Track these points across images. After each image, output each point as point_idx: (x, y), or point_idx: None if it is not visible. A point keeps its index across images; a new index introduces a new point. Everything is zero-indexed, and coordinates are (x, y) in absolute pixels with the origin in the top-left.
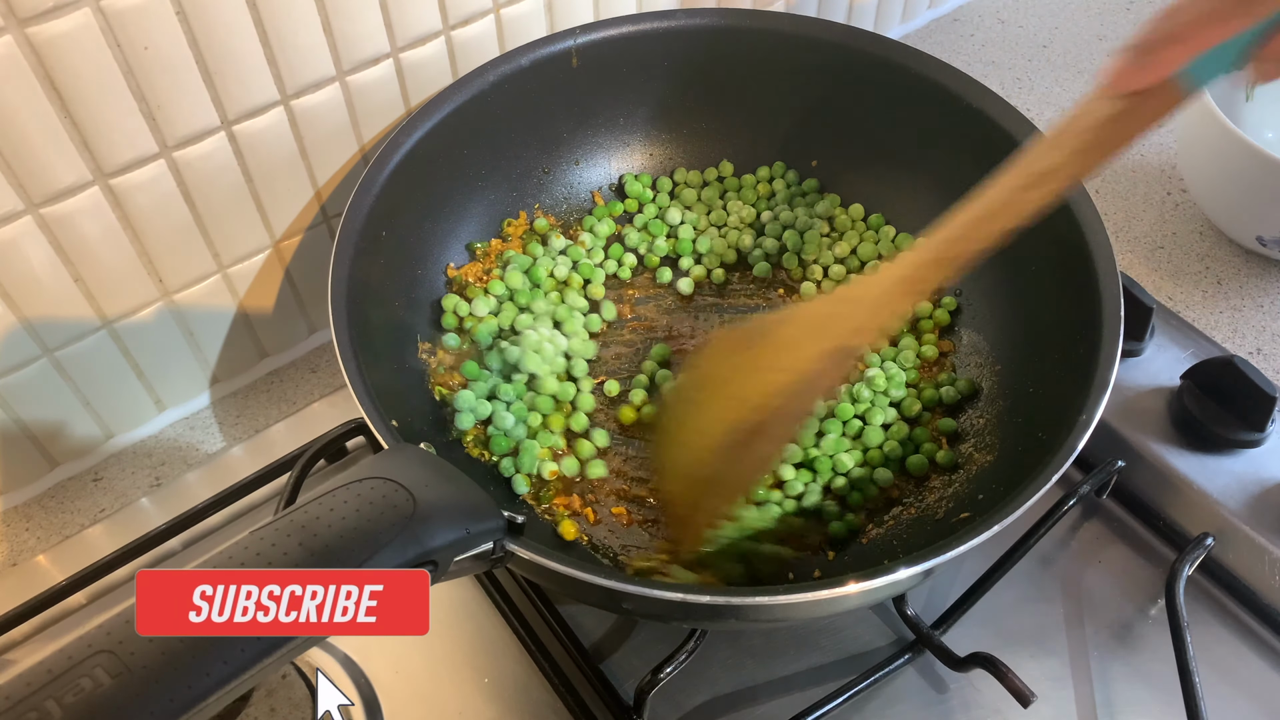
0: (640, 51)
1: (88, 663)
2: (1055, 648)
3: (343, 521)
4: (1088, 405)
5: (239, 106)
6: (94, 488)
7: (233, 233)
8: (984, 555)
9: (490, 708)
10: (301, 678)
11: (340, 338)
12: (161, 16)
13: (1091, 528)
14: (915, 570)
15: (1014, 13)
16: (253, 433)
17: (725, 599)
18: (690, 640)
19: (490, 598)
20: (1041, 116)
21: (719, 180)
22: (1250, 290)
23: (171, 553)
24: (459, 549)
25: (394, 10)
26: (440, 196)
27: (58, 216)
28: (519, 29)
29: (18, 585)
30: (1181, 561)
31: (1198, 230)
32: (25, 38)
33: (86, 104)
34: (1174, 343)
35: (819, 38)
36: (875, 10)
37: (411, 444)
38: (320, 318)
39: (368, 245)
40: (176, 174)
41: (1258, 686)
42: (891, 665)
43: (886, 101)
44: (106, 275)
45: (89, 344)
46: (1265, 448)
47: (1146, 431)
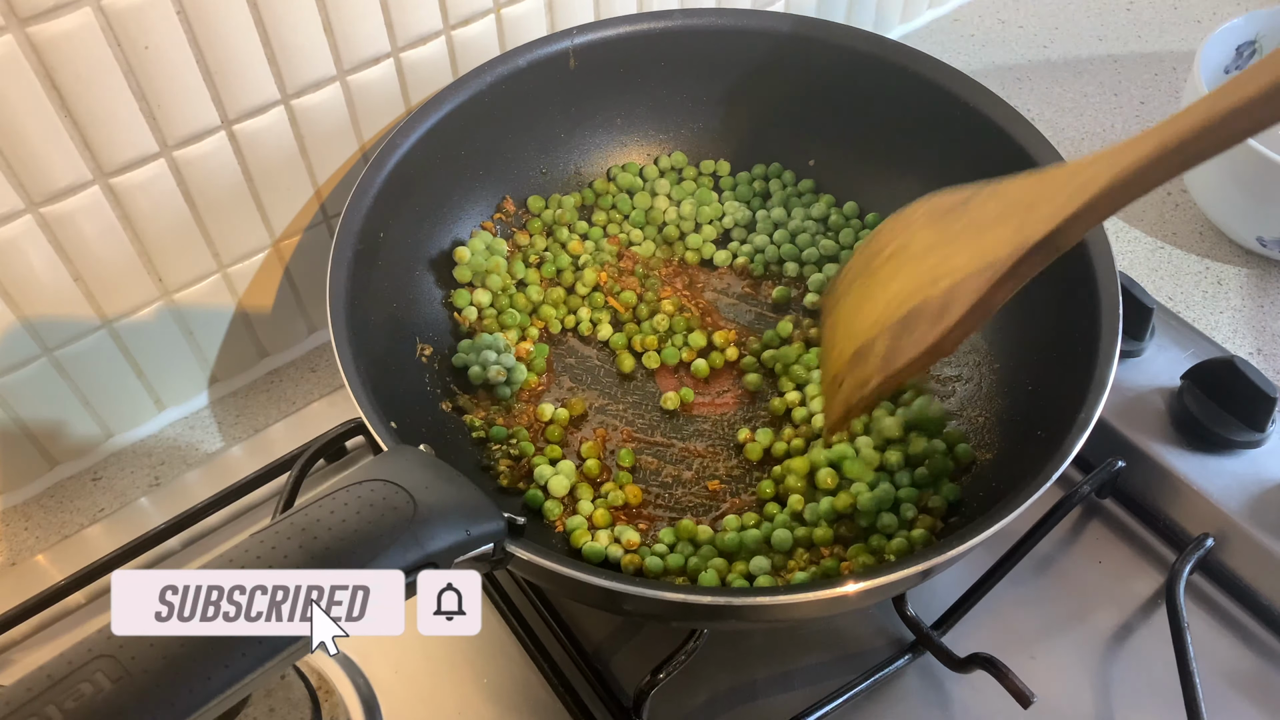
0: (638, 52)
1: (88, 667)
2: (1055, 648)
3: (343, 524)
4: (1087, 405)
5: (239, 106)
6: (93, 487)
7: (232, 232)
8: (984, 555)
9: (490, 708)
10: (301, 678)
11: (339, 338)
12: (162, 16)
13: (1091, 528)
14: (915, 570)
15: (1014, 13)
16: (252, 432)
17: (725, 599)
18: (690, 640)
19: (490, 598)
20: (1042, 116)
21: (713, 176)
22: (1250, 290)
23: (171, 552)
24: (459, 551)
25: (394, 10)
26: (439, 196)
27: (58, 216)
28: (519, 29)
29: (17, 585)
30: (1181, 562)
31: (1198, 230)
32: (26, 37)
33: (87, 103)
34: (1174, 343)
35: (818, 38)
36: (875, 10)
37: (411, 445)
38: (320, 317)
39: (367, 245)
40: (176, 173)
41: (1258, 686)
42: (891, 665)
43: (885, 102)
44: (106, 274)
45: (89, 343)
46: (1265, 448)
47: (1146, 431)
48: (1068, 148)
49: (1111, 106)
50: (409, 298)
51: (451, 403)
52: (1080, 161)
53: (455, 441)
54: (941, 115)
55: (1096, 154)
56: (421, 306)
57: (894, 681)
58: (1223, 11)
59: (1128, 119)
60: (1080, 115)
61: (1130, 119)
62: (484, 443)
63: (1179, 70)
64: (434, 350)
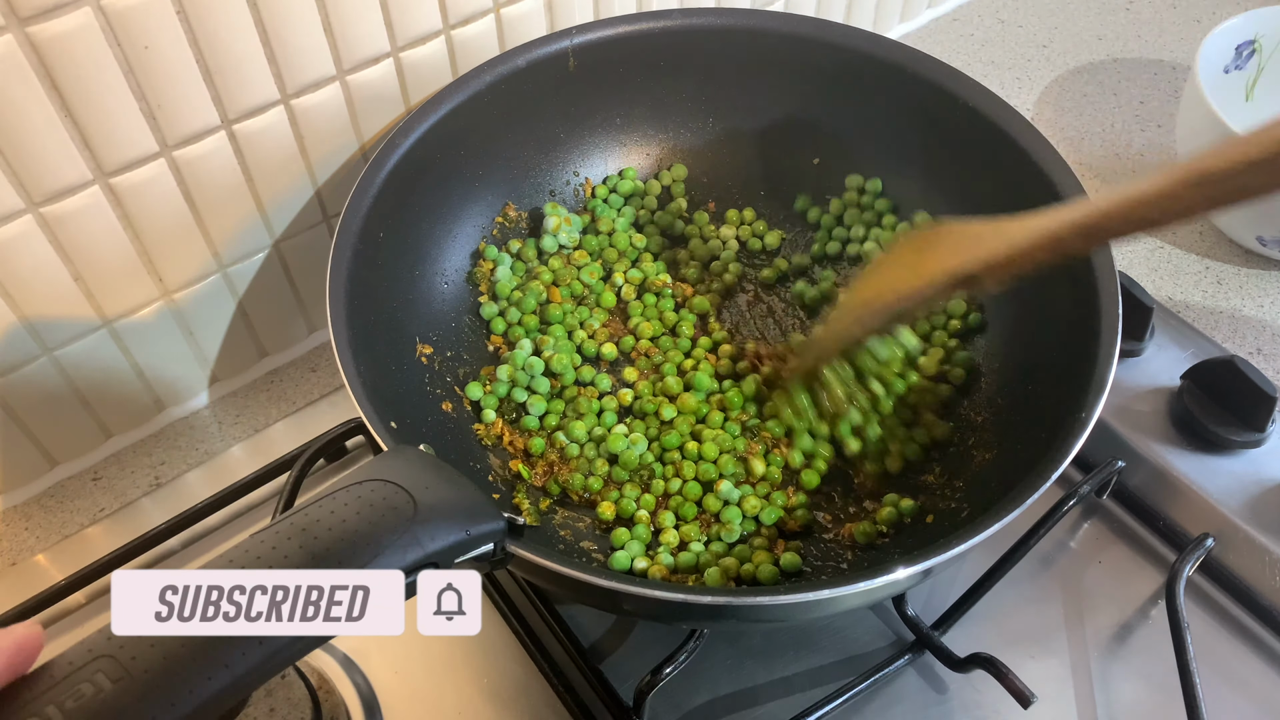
0: (637, 52)
1: (89, 667)
2: (1055, 648)
3: (343, 524)
4: (1087, 405)
5: (239, 106)
6: (93, 487)
7: (232, 232)
8: (984, 555)
9: (490, 708)
10: (301, 678)
11: (339, 338)
12: (162, 16)
13: (1091, 528)
14: (915, 570)
15: (1013, 12)
16: (252, 432)
17: (725, 599)
18: (690, 640)
19: (490, 598)
20: (1041, 116)
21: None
22: (1250, 290)
23: (171, 552)
24: (459, 551)
25: (394, 10)
26: (439, 196)
27: (58, 216)
28: (519, 28)
29: (17, 585)
30: (1181, 561)
31: (1198, 230)
32: (26, 37)
33: (87, 103)
34: (1174, 343)
35: (817, 38)
36: (874, 10)
37: (411, 445)
38: (320, 317)
39: (366, 245)
40: (176, 173)
41: (1258, 686)
42: (891, 665)
43: (885, 101)
44: (106, 274)
45: (89, 343)
46: (1265, 448)
47: (1146, 431)
48: (1067, 147)
49: (1111, 106)
50: (409, 298)
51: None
52: (1026, 218)
53: (455, 442)
54: (941, 115)
55: (1043, 212)
56: (421, 306)
57: (894, 681)
58: (1222, 11)
59: (1127, 118)
60: (1080, 115)
61: (1130, 119)
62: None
63: (1178, 70)
64: (434, 350)
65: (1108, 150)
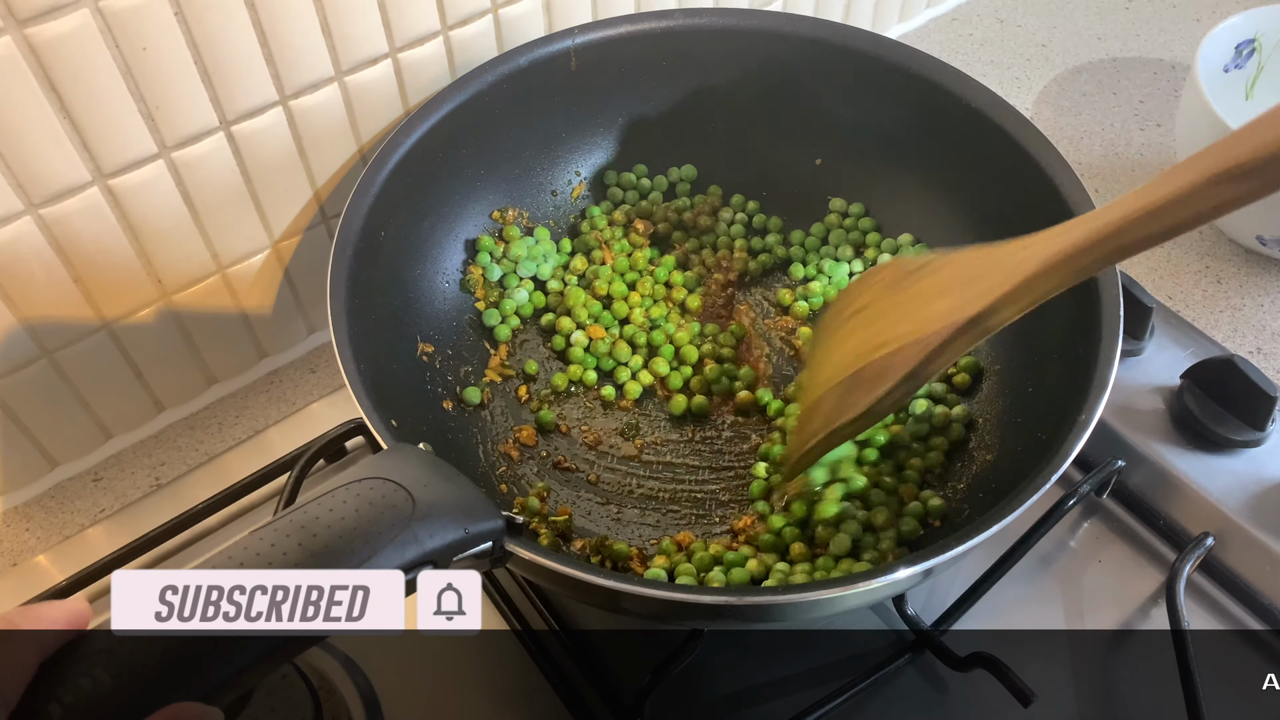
0: (638, 52)
1: (88, 662)
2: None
3: (342, 522)
4: (1087, 405)
5: (237, 107)
6: (94, 488)
7: (232, 233)
8: (984, 555)
9: (490, 708)
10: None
11: (339, 338)
12: (160, 17)
13: (1091, 528)
14: (915, 570)
15: (1013, 12)
16: (252, 433)
17: (725, 599)
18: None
19: (490, 598)
20: (1040, 116)
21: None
22: (1250, 290)
23: (171, 553)
24: (458, 549)
25: (392, 10)
26: (438, 197)
27: (57, 217)
28: (517, 29)
29: (17, 585)
30: (1181, 561)
31: (1197, 230)
32: (24, 38)
33: (86, 104)
34: (1174, 342)
35: (816, 37)
36: (873, 9)
37: (410, 444)
38: (319, 318)
39: (366, 245)
40: (175, 174)
41: (1258, 686)
42: (891, 665)
43: (885, 102)
44: (106, 276)
45: (88, 344)
46: (1265, 447)
47: (1146, 431)
48: (1066, 146)
49: (1111, 106)
50: (409, 298)
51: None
52: (1026, 239)
53: (455, 440)
54: (941, 115)
55: (1038, 234)
56: (421, 306)
57: (894, 681)
58: (1221, 10)
59: (1127, 118)
60: (1079, 114)
61: (1129, 118)
62: None
63: (1178, 69)
64: (435, 349)
65: (1107, 149)
